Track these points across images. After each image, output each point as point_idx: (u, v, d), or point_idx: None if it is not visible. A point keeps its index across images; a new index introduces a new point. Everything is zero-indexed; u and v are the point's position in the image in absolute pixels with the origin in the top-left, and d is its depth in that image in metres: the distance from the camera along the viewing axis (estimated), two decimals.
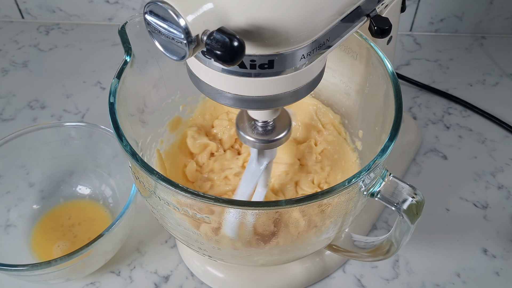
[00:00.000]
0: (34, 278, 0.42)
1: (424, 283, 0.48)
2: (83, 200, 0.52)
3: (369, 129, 0.42)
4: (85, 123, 0.50)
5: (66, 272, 0.43)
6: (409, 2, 0.73)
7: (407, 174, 0.57)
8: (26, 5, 0.77)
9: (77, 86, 0.68)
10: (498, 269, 0.49)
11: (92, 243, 0.40)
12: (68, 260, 0.40)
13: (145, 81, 0.41)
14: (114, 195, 0.52)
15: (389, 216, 0.53)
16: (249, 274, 0.46)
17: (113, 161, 0.51)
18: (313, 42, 0.28)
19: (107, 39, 0.76)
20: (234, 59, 0.23)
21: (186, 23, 0.23)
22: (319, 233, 0.37)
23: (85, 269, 0.45)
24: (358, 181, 0.31)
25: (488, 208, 0.54)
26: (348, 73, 0.43)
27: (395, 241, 0.37)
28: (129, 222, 0.46)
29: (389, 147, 0.33)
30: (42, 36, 0.77)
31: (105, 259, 0.46)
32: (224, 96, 0.30)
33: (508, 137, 0.62)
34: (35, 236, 0.49)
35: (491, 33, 0.77)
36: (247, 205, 0.30)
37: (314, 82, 0.31)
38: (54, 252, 0.48)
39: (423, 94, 0.67)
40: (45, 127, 0.50)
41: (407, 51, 0.75)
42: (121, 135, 0.33)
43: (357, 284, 0.48)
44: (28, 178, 0.52)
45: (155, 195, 0.34)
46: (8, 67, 0.71)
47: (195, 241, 0.37)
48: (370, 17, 0.33)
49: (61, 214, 0.51)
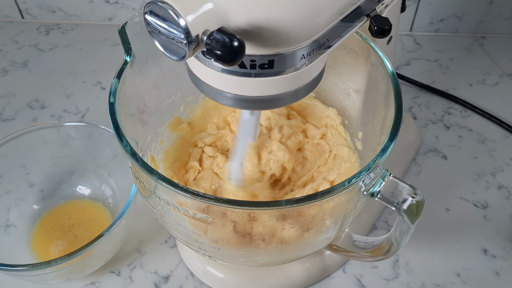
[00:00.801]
0: (34, 278, 0.42)
1: (424, 283, 0.48)
2: (83, 200, 0.52)
3: (369, 129, 0.42)
4: (85, 123, 0.50)
5: (66, 272, 0.43)
6: (409, 2, 0.73)
7: (407, 174, 0.57)
8: (26, 5, 0.77)
9: (77, 86, 0.68)
10: (498, 269, 0.49)
11: (92, 243, 0.40)
12: (68, 260, 0.40)
13: (145, 81, 0.41)
14: (114, 195, 0.52)
15: (389, 216, 0.53)
16: (249, 274, 0.46)
17: (113, 161, 0.51)
18: (313, 42, 0.28)
19: (107, 39, 0.76)
20: (234, 59, 0.24)
21: (186, 23, 0.23)
22: (319, 233, 0.37)
23: (85, 269, 0.45)
24: (358, 181, 0.31)
25: (488, 208, 0.54)
26: (348, 73, 0.43)
27: (395, 241, 0.37)
28: (129, 222, 0.46)
29: (389, 147, 0.33)
30: (42, 36, 0.77)
31: (105, 259, 0.46)
32: (224, 96, 0.30)
33: (508, 137, 0.62)
34: (35, 236, 0.49)
35: (491, 33, 0.77)
36: (247, 205, 0.30)
37: (314, 82, 0.31)
38: (54, 252, 0.48)
39: (423, 94, 0.67)
40: (45, 127, 0.50)
41: (407, 51, 0.75)
42: (121, 135, 0.33)
43: (357, 284, 0.48)
44: (28, 178, 0.52)
45: (155, 195, 0.34)
46: (8, 67, 0.71)
47: (195, 241, 0.37)
48: (370, 17, 0.33)
49: (61, 214, 0.51)
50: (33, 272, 0.40)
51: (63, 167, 0.53)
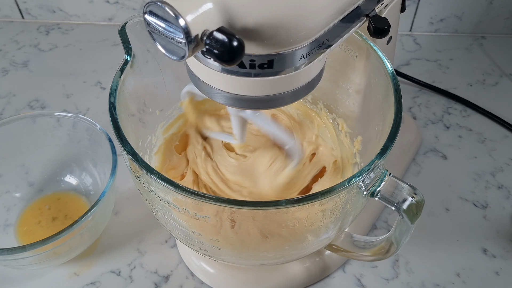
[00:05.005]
0: (14, 263, 0.43)
1: (424, 283, 0.48)
2: (68, 192, 0.53)
3: (369, 129, 0.42)
4: (85, 121, 0.50)
5: (42, 258, 0.43)
6: (409, 2, 0.73)
7: (407, 174, 0.57)
8: (26, 5, 0.77)
9: (77, 86, 0.69)
10: (498, 269, 0.49)
11: (64, 231, 0.41)
12: (41, 245, 0.40)
13: (145, 81, 0.41)
14: (95, 186, 0.52)
15: (389, 216, 0.53)
16: (249, 274, 0.46)
17: (112, 160, 0.51)
18: (313, 42, 0.28)
19: (107, 39, 0.76)
20: (233, 59, 0.24)
21: (185, 23, 0.23)
22: (319, 233, 0.37)
23: (61, 256, 0.45)
24: (358, 181, 0.31)
25: (488, 208, 0.54)
26: (348, 73, 0.43)
27: (395, 241, 0.37)
28: (103, 214, 0.47)
29: (389, 147, 0.33)
30: (42, 36, 0.77)
31: (82, 248, 0.47)
32: (223, 96, 0.30)
33: (508, 137, 0.62)
34: (20, 228, 0.50)
35: (491, 33, 0.77)
36: (247, 205, 0.30)
37: (314, 82, 0.31)
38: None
39: (423, 94, 0.67)
40: (40, 116, 0.51)
41: (407, 51, 0.75)
42: (121, 135, 0.33)
43: (357, 284, 0.48)
44: (27, 178, 0.52)
45: (155, 195, 0.34)
46: (8, 67, 0.71)
47: (195, 241, 0.37)
48: (369, 17, 0.33)
49: (44, 205, 0.52)
50: (9, 257, 0.41)
51: (61, 164, 0.53)
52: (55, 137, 0.51)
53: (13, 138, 0.50)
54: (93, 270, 0.48)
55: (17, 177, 0.52)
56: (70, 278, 0.47)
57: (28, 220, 0.50)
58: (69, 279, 0.47)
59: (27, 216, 0.50)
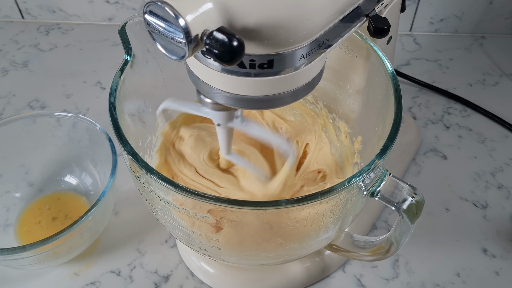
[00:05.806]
0: (13, 263, 0.43)
1: (424, 283, 0.48)
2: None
3: (369, 129, 0.42)
4: (85, 121, 0.50)
5: (42, 257, 0.43)
6: (409, 2, 0.73)
7: (407, 174, 0.57)
8: (26, 5, 0.77)
9: (77, 86, 0.69)
10: (498, 269, 0.49)
11: (64, 231, 0.41)
12: (41, 245, 0.40)
13: (145, 81, 0.41)
14: (95, 187, 0.52)
15: (389, 216, 0.53)
16: (249, 274, 0.46)
17: (112, 160, 0.51)
18: (313, 41, 0.28)
19: (107, 39, 0.76)
20: (233, 59, 0.24)
21: (185, 23, 0.23)
22: (319, 233, 0.37)
23: (61, 256, 0.45)
24: (358, 181, 0.31)
25: (488, 208, 0.54)
26: (348, 73, 0.43)
27: (395, 241, 0.37)
28: (103, 215, 0.47)
29: (389, 147, 0.33)
30: (42, 36, 0.77)
31: (82, 248, 0.47)
32: (223, 96, 0.30)
33: (508, 137, 0.62)
34: (20, 228, 0.50)
35: (491, 33, 0.77)
36: (247, 205, 0.30)
37: (314, 81, 0.31)
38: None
39: (423, 94, 0.67)
40: (40, 116, 0.51)
41: (407, 51, 0.75)
42: (121, 135, 0.33)
43: (357, 284, 0.48)
44: (27, 178, 0.52)
45: (155, 195, 0.34)
46: (8, 67, 0.71)
47: (195, 241, 0.37)
48: (369, 17, 0.33)
49: (44, 205, 0.52)
50: (9, 257, 0.41)
51: (61, 164, 0.53)
52: (55, 137, 0.51)
53: (13, 138, 0.50)
54: (93, 270, 0.48)
55: (17, 177, 0.52)
56: (70, 278, 0.47)
57: (28, 220, 0.50)
58: (69, 279, 0.47)
59: (27, 216, 0.50)
